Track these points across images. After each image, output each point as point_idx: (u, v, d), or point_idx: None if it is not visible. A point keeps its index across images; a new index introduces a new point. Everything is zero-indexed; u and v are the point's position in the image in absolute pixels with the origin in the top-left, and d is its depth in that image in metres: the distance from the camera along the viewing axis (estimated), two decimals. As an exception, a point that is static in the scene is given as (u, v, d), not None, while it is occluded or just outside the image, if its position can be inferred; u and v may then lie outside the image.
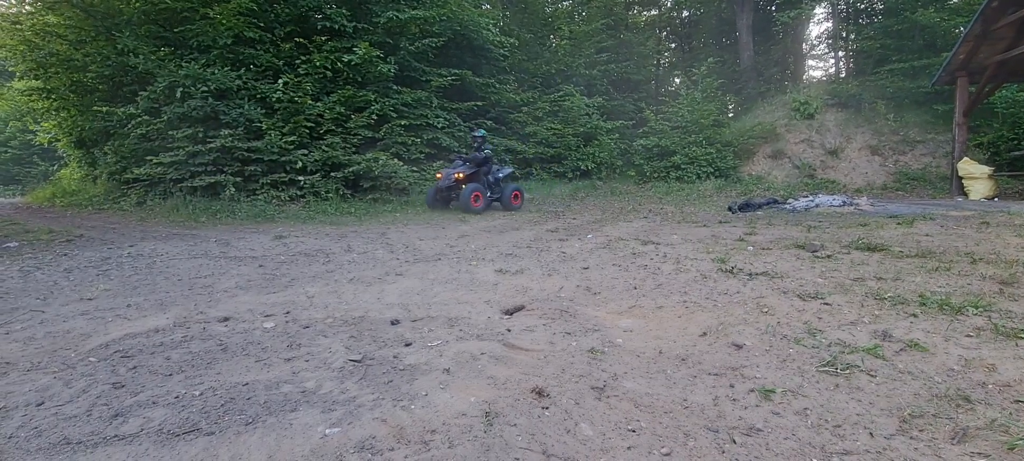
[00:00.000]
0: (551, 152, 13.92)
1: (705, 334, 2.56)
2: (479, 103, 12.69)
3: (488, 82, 13.25)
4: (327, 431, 1.65)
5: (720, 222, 7.41)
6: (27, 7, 10.65)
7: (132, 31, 9.46)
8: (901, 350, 2.27)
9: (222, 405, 1.84)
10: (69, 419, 1.75)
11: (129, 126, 9.16)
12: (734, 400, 1.86)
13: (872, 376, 2.02)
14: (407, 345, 2.48)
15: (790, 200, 10.15)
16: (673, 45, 25.79)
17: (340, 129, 10.08)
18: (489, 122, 13.04)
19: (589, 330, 2.68)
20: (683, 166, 13.69)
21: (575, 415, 1.75)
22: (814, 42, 25.31)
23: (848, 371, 2.07)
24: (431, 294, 3.49)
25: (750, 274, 3.84)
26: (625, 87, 18.26)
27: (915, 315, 2.72)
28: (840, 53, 21.39)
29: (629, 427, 1.67)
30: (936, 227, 5.97)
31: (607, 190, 13.20)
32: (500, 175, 10.10)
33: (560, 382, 2.02)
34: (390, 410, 1.79)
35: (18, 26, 10.25)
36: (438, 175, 9.80)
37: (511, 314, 3.02)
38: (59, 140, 12.38)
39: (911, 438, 1.59)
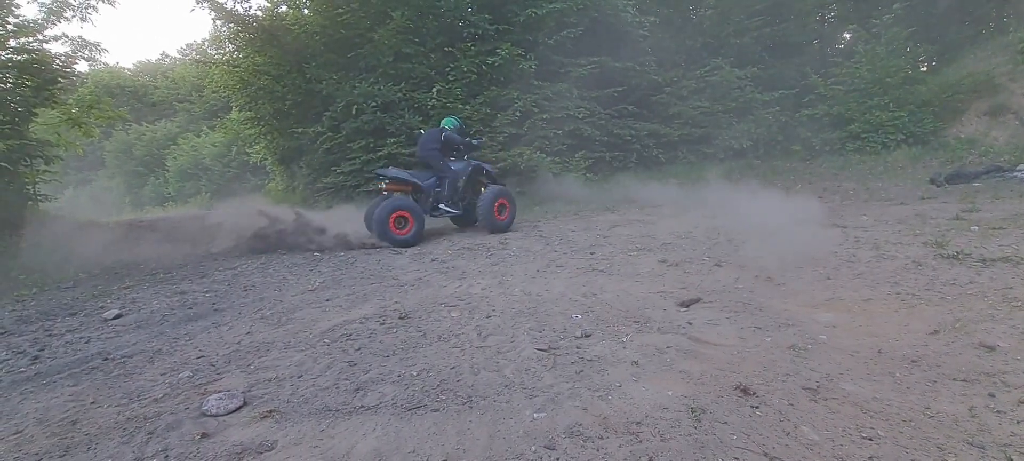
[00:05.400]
0: (698, 132, 13.00)
1: (937, 332, 2.18)
2: (619, 88, 12.38)
3: (628, 66, 12.81)
4: (535, 415, 1.76)
5: (922, 198, 6.25)
6: (240, 54, 13.14)
7: (316, 61, 11.13)
8: None
9: (437, 385, 2.07)
10: (324, 390, 2.13)
11: (317, 143, 10.81)
12: (999, 412, 1.56)
13: None
14: (586, 336, 2.53)
15: (1021, 167, 8.13)
16: (841, -5, 22.26)
17: (487, 128, 10.65)
18: (631, 107, 12.63)
19: (782, 324, 2.46)
20: (863, 135, 11.79)
21: (792, 417, 1.62)
22: (1047, -38, 19.79)
23: None
24: (596, 285, 3.51)
25: (983, 260, 3.17)
26: (784, 52, 16.23)
27: None
28: (1091, -30, 16.40)
29: (863, 434, 1.49)
30: None
31: (767, 169, 11.94)
32: (459, 174, 6.77)
33: (764, 380, 1.89)
34: (589, 399, 1.85)
35: (236, 68, 12.74)
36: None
37: (688, 306, 2.90)
38: (267, 159, 15.11)
39: None
